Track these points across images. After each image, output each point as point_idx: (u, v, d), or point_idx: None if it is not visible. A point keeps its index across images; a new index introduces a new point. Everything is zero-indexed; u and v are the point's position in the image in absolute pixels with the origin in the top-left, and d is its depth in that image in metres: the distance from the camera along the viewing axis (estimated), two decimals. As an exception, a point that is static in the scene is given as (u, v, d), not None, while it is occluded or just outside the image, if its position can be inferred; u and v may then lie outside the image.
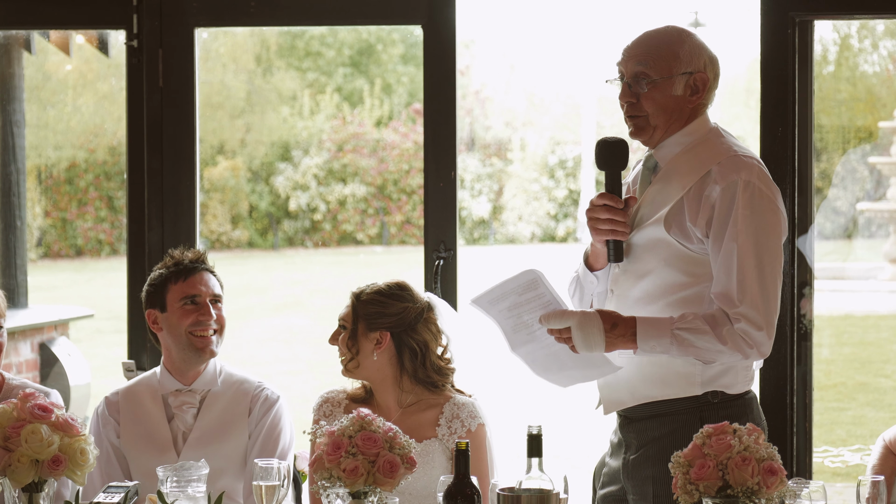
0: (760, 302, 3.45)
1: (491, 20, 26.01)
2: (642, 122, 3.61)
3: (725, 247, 3.46)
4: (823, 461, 9.51)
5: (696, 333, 3.44)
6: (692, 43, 3.60)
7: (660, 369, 3.57)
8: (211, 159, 21.21)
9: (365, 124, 21.70)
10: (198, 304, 4.18)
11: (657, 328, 3.45)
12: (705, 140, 3.60)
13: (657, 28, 3.65)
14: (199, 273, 4.21)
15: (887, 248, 15.88)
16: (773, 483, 3.04)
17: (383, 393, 3.98)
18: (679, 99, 3.58)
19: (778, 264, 3.51)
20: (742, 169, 3.50)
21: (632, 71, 3.59)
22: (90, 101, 20.01)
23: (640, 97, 3.58)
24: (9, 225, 8.09)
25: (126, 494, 3.48)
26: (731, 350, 3.44)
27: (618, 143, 3.61)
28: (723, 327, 3.44)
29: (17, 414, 3.42)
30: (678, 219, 3.53)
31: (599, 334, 3.45)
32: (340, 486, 3.27)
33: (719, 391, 3.57)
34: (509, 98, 22.92)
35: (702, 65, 3.59)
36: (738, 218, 3.46)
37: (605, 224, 3.59)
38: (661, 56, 3.57)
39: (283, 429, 4.17)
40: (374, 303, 3.96)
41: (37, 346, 8.42)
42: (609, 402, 3.69)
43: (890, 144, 16.17)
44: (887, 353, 13.47)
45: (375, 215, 21.65)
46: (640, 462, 3.63)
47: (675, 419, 3.57)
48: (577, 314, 3.48)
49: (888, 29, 18.78)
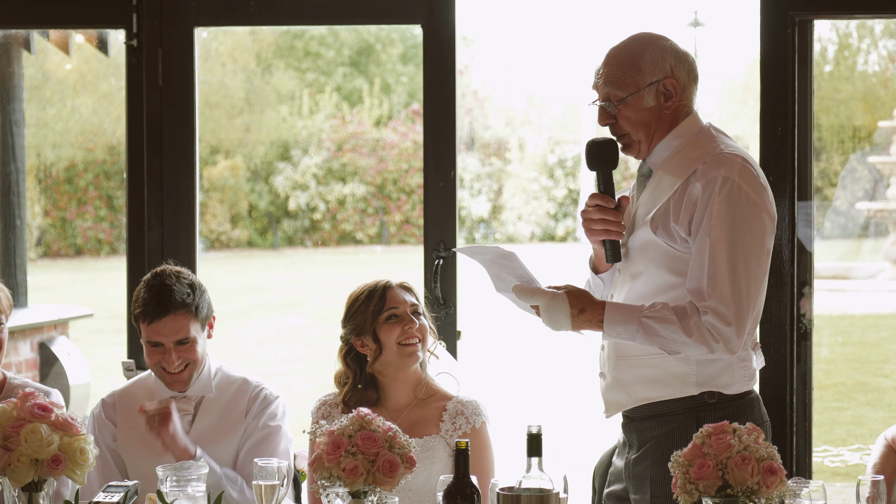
0: (730, 297, 3.43)
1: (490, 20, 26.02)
2: (627, 140, 3.63)
3: (699, 241, 3.47)
4: (823, 461, 9.51)
5: (662, 323, 3.44)
6: (654, 50, 3.58)
7: (655, 371, 3.58)
8: (210, 158, 21.21)
9: (364, 124, 21.71)
10: (159, 347, 4.09)
11: (625, 315, 3.48)
12: (694, 141, 3.59)
13: (620, 42, 3.65)
14: (164, 319, 4.06)
15: (887, 248, 15.88)
16: (772, 482, 3.04)
17: (406, 384, 4.00)
18: (653, 109, 3.59)
19: (755, 262, 3.48)
20: (723, 165, 3.49)
21: (603, 93, 3.61)
22: (90, 100, 20.01)
23: (617, 117, 3.60)
24: (8, 224, 8.10)
25: (126, 494, 3.48)
26: (695, 342, 3.43)
27: (607, 143, 3.62)
28: (690, 319, 3.43)
29: (17, 413, 3.42)
30: (664, 219, 3.54)
31: (566, 318, 3.49)
32: (340, 486, 3.27)
33: (716, 391, 3.56)
34: (509, 97, 22.93)
35: (668, 69, 3.58)
36: (712, 213, 3.46)
37: (598, 224, 3.61)
38: (623, 73, 3.57)
39: (280, 426, 4.15)
40: None
41: (36, 346, 8.43)
42: (609, 404, 3.71)
43: (890, 144, 16.17)
44: (887, 352, 13.47)
45: (375, 215, 21.65)
46: (640, 461, 3.65)
47: (671, 419, 3.58)
48: (547, 294, 3.51)
49: (887, 28, 18.77)
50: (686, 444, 3.41)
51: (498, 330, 14.34)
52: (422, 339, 3.98)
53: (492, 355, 13.38)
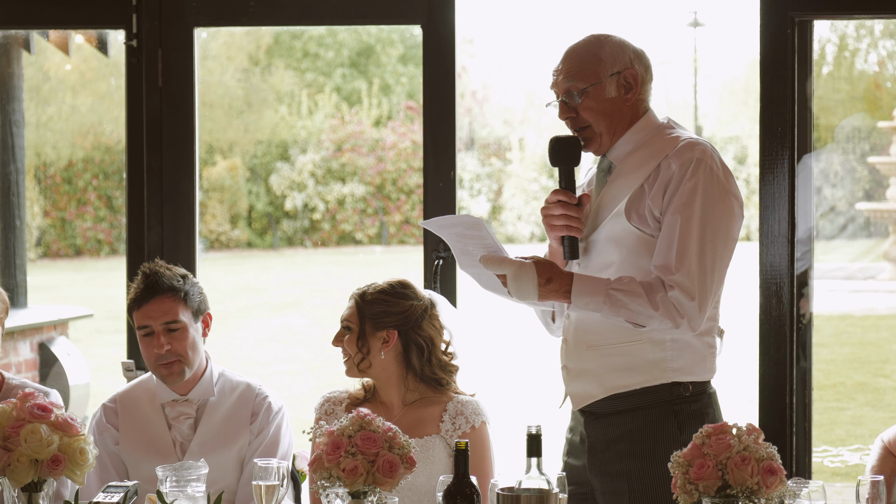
0: (696, 273, 3.48)
1: (490, 20, 26.02)
2: (588, 133, 3.67)
3: (669, 218, 3.52)
4: (823, 461, 9.51)
5: (629, 296, 3.48)
6: (612, 44, 3.65)
7: (628, 358, 3.60)
8: (209, 159, 21.21)
9: (363, 124, 21.71)
10: (151, 336, 4.08)
11: (593, 286, 3.51)
12: (657, 134, 3.65)
13: (576, 42, 3.70)
14: (150, 302, 4.06)
15: (887, 247, 15.89)
16: (772, 483, 3.04)
17: (388, 391, 3.98)
18: (615, 100, 3.64)
19: (721, 243, 3.53)
20: (696, 148, 3.56)
21: (563, 88, 3.65)
22: (89, 100, 20.02)
23: (578, 109, 3.64)
24: (8, 224, 8.10)
25: (126, 494, 3.48)
26: (661, 316, 3.48)
27: (570, 140, 3.66)
28: (657, 293, 3.48)
29: (17, 413, 3.42)
30: (636, 203, 3.58)
31: (533, 287, 3.51)
32: (340, 486, 3.27)
33: (690, 383, 3.59)
34: (508, 97, 22.94)
35: (627, 61, 3.64)
36: (685, 192, 3.52)
37: (559, 220, 3.65)
38: (584, 65, 3.63)
39: (282, 438, 4.15)
40: (379, 302, 3.97)
41: (36, 346, 8.43)
42: (577, 396, 3.69)
43: (889, 144, 16.18)
44: (886, 352, 13.48)
45: (374, 215, 21.66)
46: (612, 459, 3.63)
47: (647, 413, 3.59)
48: (514, 264, 3.53)
49: (887, 29, 18.78)
50: (664, 436, 3.53)
51: (498, 330, 14.34)
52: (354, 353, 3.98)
53: (492, 355, 13.38)
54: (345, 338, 3.99)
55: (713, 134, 22.27)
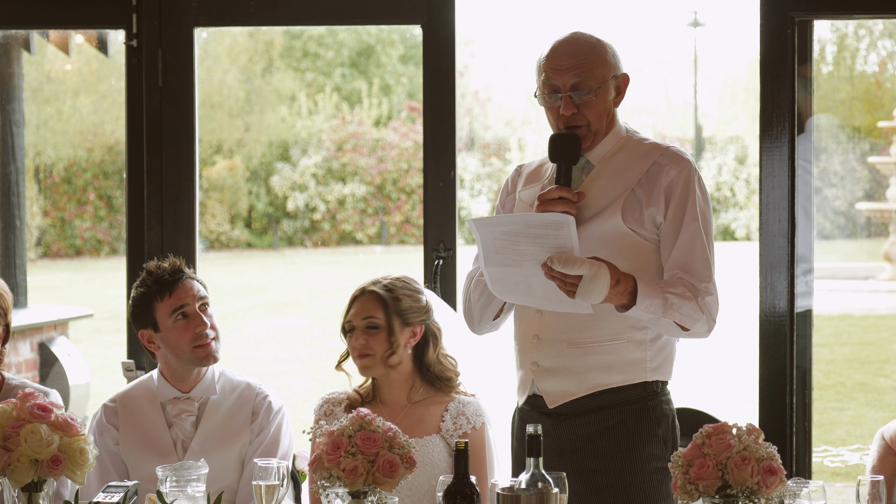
0: (714, 282, 3.64)
1: (490, 20, 26.03)
2: (583, 132, 3.69)
3: (689, 227, 3.61)
4: (823, 461, 9.51)
5: (683, 299, 3.55)
6: (610, 47, 3.73)
7: (612, 357, 3.64)
8: (209, 159, 21.21)
9: (364, 124, 21.71)
10: (188, 316, 4.11)
11: (652, 288, 3.53)
12: (630, 138, 3.74)
13: (576, 37, 3.71)
14: (182, 283, 4.13)
15: (887, 248, 15.89)
16: (772, 483, 3.05)
17: (394, 390, 3.97)
18: (610, 102, 3.72)
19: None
20: (686, 158, 3.70)
21: (569, 83, 3.66)
22: (89, 100, 20.02)
23: (581, 107, 3.67)
24: (8, 224, 8.10)
25: (126, 494, 3.48)
26: (706, 320, 3.59)
27: (572, 138, 3.68)
28: (701, 298, 3.58)
29: (17, 413, 3.42)
30: (632, 207, 3.63)
31: (605, 288, 3.47)
32: (340, 486, 3.27)
33: (660, 381, 3.69)
34: (508, 98, 22.94)
35: (621, 66, 3.74)
36: (695, 201, 3.63)
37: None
38: (595, 65, 3.67)
39: (282, 438, 4.15)
40: (409, 297, 3.98)
41: (36, 346, 8.43)
42: (553, 394, 3.69)
43: (889, 144, 16.18)
44: (886, 352, 13.48)
45: (375, 215, 21.66)
46: (587, 457, 3.65)
47: (623, 409, 3.65)
48: (592, 264, 3.46)
49: (886, 29, 18.78)
50: (643, 432, 3.61)
51: (498, 330, 14.32)
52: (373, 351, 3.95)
53: (491, 355, 13.36)
54: (374, 335, 3.96)
55: (713, 134, 22.28)
